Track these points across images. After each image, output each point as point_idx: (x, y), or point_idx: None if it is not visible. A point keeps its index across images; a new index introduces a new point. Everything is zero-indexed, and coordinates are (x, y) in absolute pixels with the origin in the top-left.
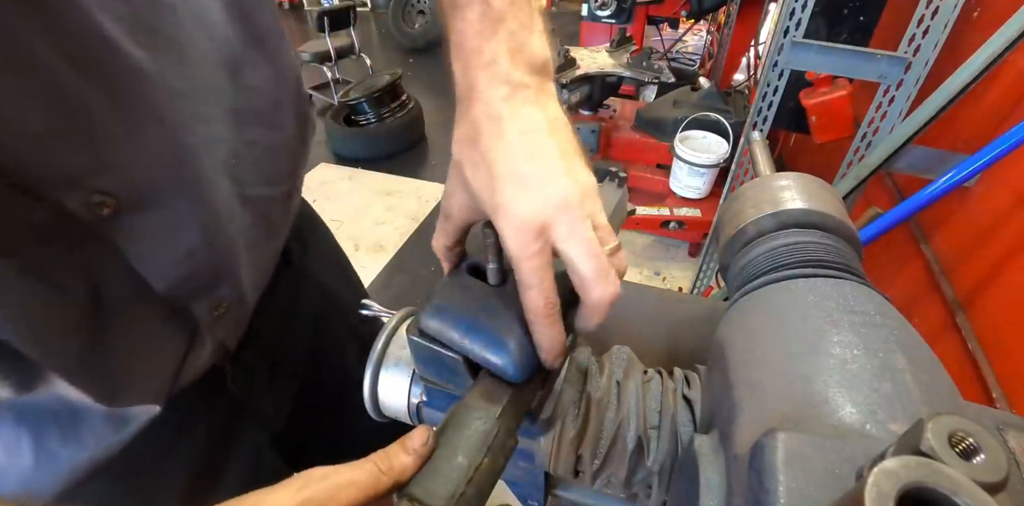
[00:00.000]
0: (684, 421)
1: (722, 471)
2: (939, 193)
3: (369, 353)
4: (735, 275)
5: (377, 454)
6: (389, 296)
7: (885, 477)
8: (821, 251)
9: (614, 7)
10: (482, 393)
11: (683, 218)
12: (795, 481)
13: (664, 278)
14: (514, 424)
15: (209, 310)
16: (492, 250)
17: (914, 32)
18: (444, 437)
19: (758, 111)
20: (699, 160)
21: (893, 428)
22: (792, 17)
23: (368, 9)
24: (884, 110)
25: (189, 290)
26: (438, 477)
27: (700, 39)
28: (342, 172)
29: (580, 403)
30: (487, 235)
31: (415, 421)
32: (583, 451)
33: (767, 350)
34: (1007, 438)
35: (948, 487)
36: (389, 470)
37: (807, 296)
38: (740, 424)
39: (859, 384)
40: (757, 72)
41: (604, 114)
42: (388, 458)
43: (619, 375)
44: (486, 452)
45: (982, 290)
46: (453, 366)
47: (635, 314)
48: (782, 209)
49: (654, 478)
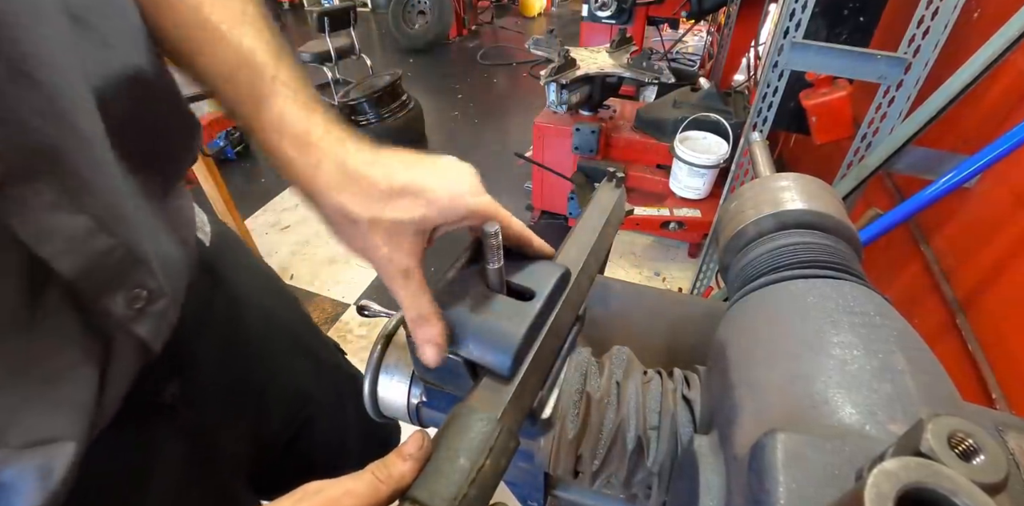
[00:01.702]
0: (684, 421)
1: (722, 471)
2: (939, 194)
3: (369, 354)
4: (735, 276)
5: (374, 464)
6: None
7: (885, 478)
8: (821, 252)
9: (614, 8)
10: (483, 394)
11: (683, 219)
12: (795, 481)
13: (664, 278)
14: (515, 425)
15: (127, 303)
16: (493, 251)
17: (914, 33)
18: (446, 439)
19: (758, 112)
20: (699, 161)
21: (893, 429)
22: (792, 18)
23: (368, 9)
24: (884, 111)
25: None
26: (441, 479)
27: (700, 40)
28: None
29: (580, 403)
30: (488, 235)
31: (415, 421)
32: (583, 451)
33: (767, 350)
34: (1007, 439)
35: (948, 488)
36: (388, 478)
37: (807, 297)
38: (740, 424)
39: (859, 385)
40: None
41: (604, 114)
42: (386, 467)
43: (619, 375)
44: (488, 453)
45: (982, 291)
46: (453, 367)
47: (635, 314)
48: (782, 210)
49: (654, 478)
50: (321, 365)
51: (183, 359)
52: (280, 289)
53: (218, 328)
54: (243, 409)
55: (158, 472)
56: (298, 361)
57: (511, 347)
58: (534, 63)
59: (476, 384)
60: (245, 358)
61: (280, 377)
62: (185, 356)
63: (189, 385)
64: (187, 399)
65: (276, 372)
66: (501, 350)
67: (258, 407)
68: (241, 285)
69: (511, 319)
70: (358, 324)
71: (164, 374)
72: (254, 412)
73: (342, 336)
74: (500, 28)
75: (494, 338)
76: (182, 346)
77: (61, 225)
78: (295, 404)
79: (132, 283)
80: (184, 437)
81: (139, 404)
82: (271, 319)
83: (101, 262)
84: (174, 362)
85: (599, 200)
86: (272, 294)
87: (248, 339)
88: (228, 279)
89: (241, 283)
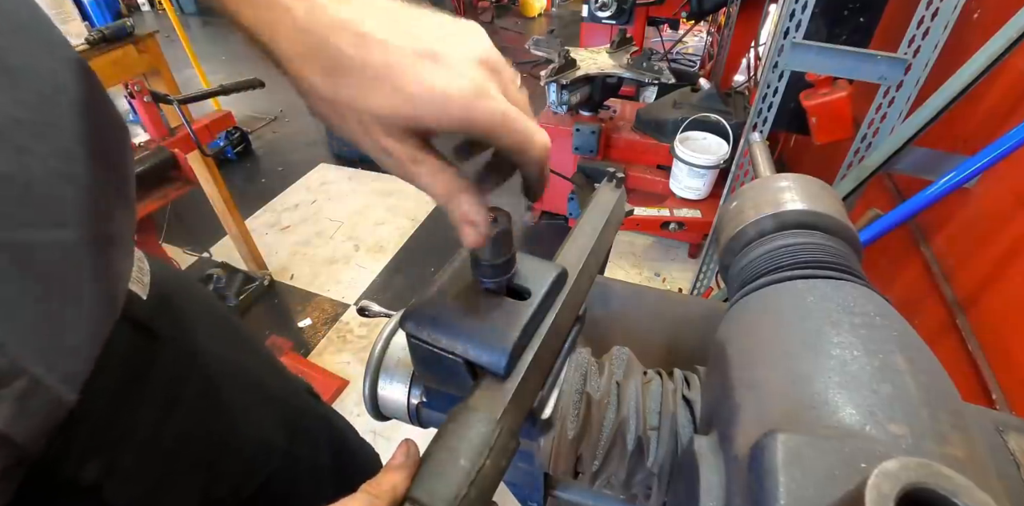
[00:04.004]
0: (684, 422)
1: (722, 472)
2: (939, 194)
3: (369, 354)
4: (735, 276)
5: (367, 482)
6: (389, 297)
7: (885, 478)
8: (821, 252)
9: (614, 8)
10: (482, 395)
11: (683, 219)
12: (795, 482)
13: (664, 279)
14: (515, 426)
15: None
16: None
17: (914, 33)
18: (445, 440)
19: (758, 112)
20: (699, 161)
21: (893, 429)
22: (792, 18)
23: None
24: (884, 111)
25: None
26: (441, 480)
27: (700, 40)
28: (342, 172)
29: (580, 404)
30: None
31: (415, 421)
32: (583, 452)
33: (767, 351)
34: (1007, 440)
35: (948, 488)
36: (382, 493)
37: (807, 297)
38: (740, 425)
39: (859, 385)
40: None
41: (604, 115)
42: (378, 483)
43: (619, 376)
44: (488, 454)
45: (982, 291)
46: (453, 368)
47: (635, 315)
48: (782, 210)
49: (654, 479)
50: (289, 412)
51: (113, 432)
52: (241, 334)
53: (161, 389)
54: (192, 471)
55: None
56: (263, 411)
57: (506, 347)
58: (534, 63)
59: (476, 384)
60: (199, 416)
61: (240, 431)
62: (116, 428)
63: (122, 458)
64: (119, 476)
65: (235, 425)
66: (496, 350)
67: (212, 465)
68: (194, 334)
69: (506, 318)
70: (358, 324)
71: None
72: (207, 475)
73: (342, 336)
74: (500, 28)
75: (489, 338)
76: (113, 417)
77: None
78: (258, 456)
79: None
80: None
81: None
82: (231, 370)
83: None
84: (99, 438)
85: (599, 200)
86: (232, 341)
87: (204, 395)
88: (176, 332)
89: (194, 332)
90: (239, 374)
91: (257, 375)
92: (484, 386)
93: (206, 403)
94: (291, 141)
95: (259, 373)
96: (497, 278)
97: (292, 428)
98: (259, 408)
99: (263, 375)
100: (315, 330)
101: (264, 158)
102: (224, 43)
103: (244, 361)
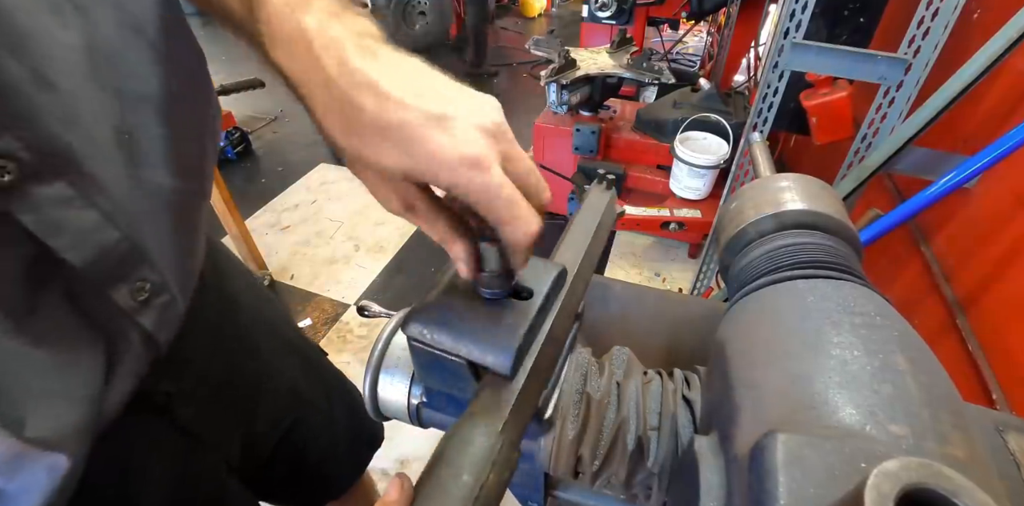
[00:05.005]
0: (684, 422)
1: (722, 472)
2: (939, 194)
3: (369, 354)
4: (735, 276)
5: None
6: (389, 297)
7: (885, 478)
8: (821, 252)
9: (614, 8)
10: (484, 403)
11: (683, 219)
12: (795, 482)
13: (664, 279)
14: (517, 436)
15: (131, 294)
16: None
17: (914, 33)
18: (447, 455)
19: (758, 112)
20: (699, 161)
21: (893, 429)
22: (792, 18)
23: (368, 9)
24: (884, 111)
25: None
26: (446, 497)
27: (700, 40)
28: (342, 172)
29: (580, 404)
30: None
31: (415, 422)
32: (583, 452)
33: (767, 351)
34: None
35: (948, 488)
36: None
37: (807, 297)
38: (740, 425)
39: (859, 385)
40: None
41: (604, 115)
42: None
43: (619, 376)
44: (491, 467)
45: (982, 291)
46: (456, 370)
47: (635, 315)
48: (782, 210)
49: (654, 479)
50: (310, 363)
51: (176, 358)
52: (263, 291)
53: (210, 327)
54: (234, 408)
55: (153, 472)
56: (288, 359)
57: (511, 346)
58: (534, 63)
59: (480, 387)
60: (236, 357)
61: (271, 375)
62: (178, 355)
63: (182, 384)
64: (180, 398)
65: (267, 371)
66: (501, 349)
67: (249, 406)
68: (231, 282)
69: (509, 318)
70: (358, 324)
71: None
72: (245, 411)
73: (342, 336)
74: (500, 28)
75: (493, 338)
76: (175, 345)
77: (72, 219)
78: (286, 403)
79: (136, 276)
80: (179, 437)
81: (134, 403)
82: (259, 319)
83: (107, 254)
84: (168, 361)
85: (591, 202)
86: (257, 295)
87: (239, 338)
88: (215, 279)
89: (231, 281)
90: (266, 323)
91: (281, 328)
92: (488, 388)
93: (241, 345)
94: (291, 141)
95: (282, 325)
96: (495, 290)
97: (312, 380)
98: (286, 358)
99: (285, 329)
100: (315, 330)
101: (264, 158)
102: (224, 43)
103: (269, 313)
